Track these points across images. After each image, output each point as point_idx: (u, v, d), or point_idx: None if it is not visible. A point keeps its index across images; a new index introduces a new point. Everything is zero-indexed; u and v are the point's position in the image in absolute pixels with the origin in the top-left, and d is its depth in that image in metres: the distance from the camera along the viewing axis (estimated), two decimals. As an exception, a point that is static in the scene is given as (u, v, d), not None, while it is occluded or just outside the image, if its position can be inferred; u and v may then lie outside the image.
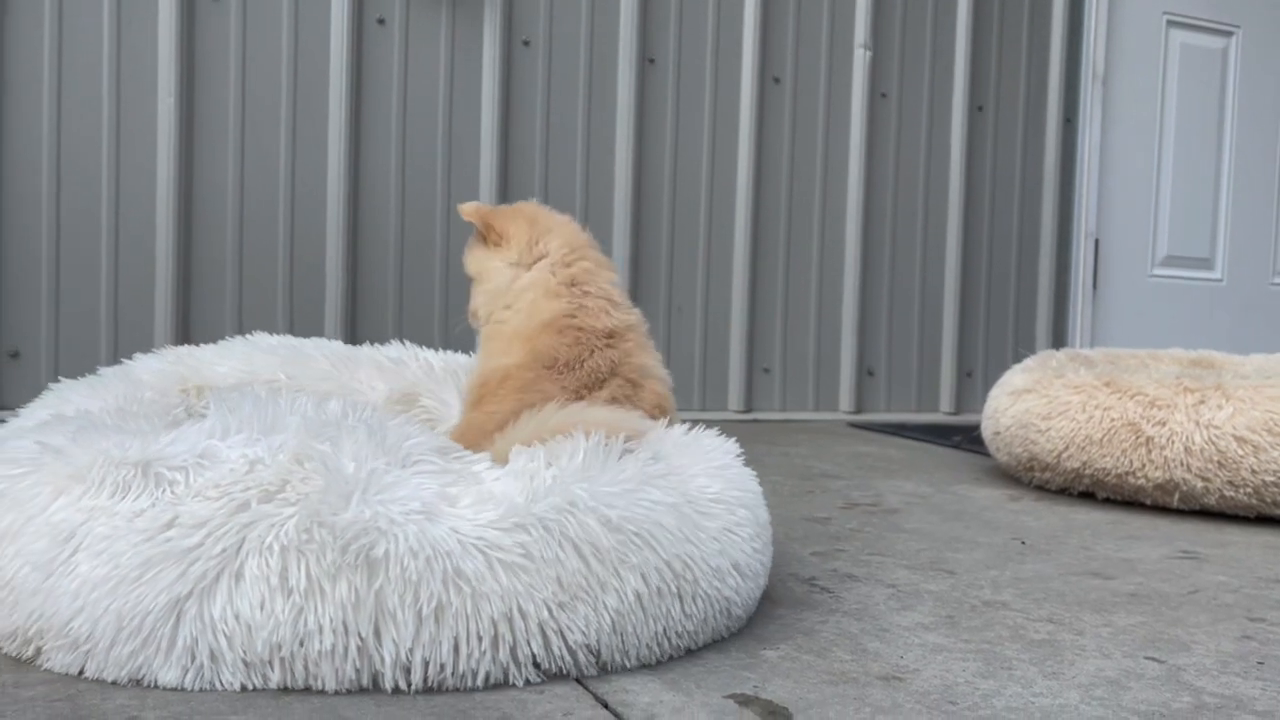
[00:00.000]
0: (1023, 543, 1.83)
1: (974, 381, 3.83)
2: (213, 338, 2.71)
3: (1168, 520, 2.08)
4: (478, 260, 1.45)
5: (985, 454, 2.83)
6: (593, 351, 1.33)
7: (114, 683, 0.98)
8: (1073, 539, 1.88)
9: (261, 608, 0.98)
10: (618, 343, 1.35)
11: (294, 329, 2.80)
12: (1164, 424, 2.12)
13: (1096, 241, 4.03)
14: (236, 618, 0.98)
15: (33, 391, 2.58)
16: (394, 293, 2.94)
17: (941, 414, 3.76)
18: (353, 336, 2.88)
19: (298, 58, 2.80)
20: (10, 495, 1.08)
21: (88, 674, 0.99)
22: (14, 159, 2.57)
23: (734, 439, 1.34)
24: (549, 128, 3.10)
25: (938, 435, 3.23)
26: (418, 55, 2.93)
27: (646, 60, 3.21)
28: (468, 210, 1.45)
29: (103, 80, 2.63)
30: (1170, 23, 4.11)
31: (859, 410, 3.62)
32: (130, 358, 1.50)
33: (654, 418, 1.32)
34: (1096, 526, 1.99)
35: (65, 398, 1.35)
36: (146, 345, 2.67)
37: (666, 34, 3.24)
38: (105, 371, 1.50)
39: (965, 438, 3.15)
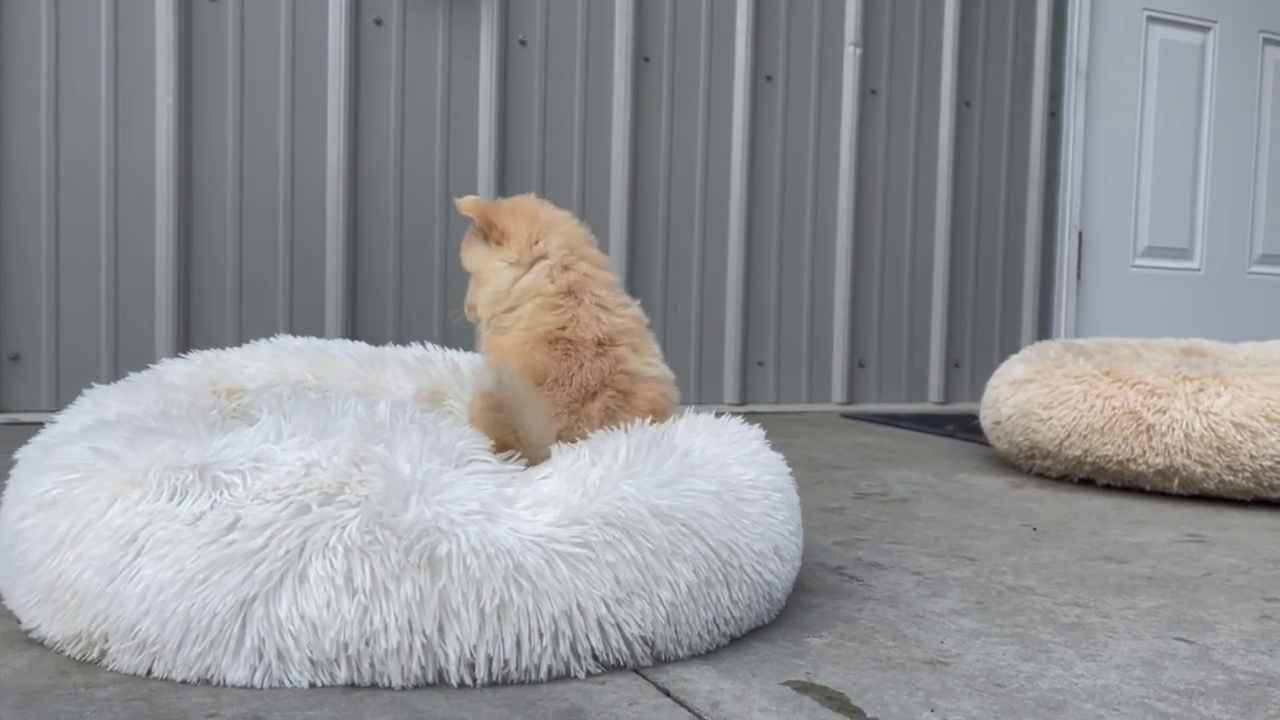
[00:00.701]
0: (1034, 529, 1.87)
1: (961, 372, 3.89)
2: (213, 337, 2.72)
3: (1168, 505, 2.13)
4: (477, 258, 1.41)
5: (980, 443, 2.88)
6: (582, 365, 1.29)
7: (183, 682, 0.99)
8: (1082, 525, 1.92)
9: (328, 608, 1.00)
10: (608, 350, 1.31)
11: (293, 326, 2.80)
12: (1164, 412, 2.17)
13: (1080, 233, 4.09)
14: (303, 618, 1.00)
15: (33, 395, 2.57)
16: (394, 289, 2.94)
17: (930, 404, 3.81)
18: (353, 333, 2.88)
19: (296, 58, 2.80)
20: (66, 501, 1.09)
21: (155, 674, 1.00)
22: (12, 161, 2.55)
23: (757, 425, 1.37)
24: (545, 126, 3.11)
25: (930, 425, 3.27)
26: (415, 55, 2.94)
27: (641, 59, 3.23)
28: (466, 205, 1.41)
29: (101, 81, 2.62)
30: (1150, 18, 4.18)
31: (851, 401, 3.66)
32: (136, 359, 1.50)
33: (653, 422, 1.29)
34: (1102, 512, 2.04)
35: (103, 403, 1.35)
36: (147, 346, 2.67)
37: (661, 33, 3.26)
38: (135, 376, 1.50)
39: (959, 427, 3.20)
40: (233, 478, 1.06)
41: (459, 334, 2.98)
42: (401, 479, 1.06)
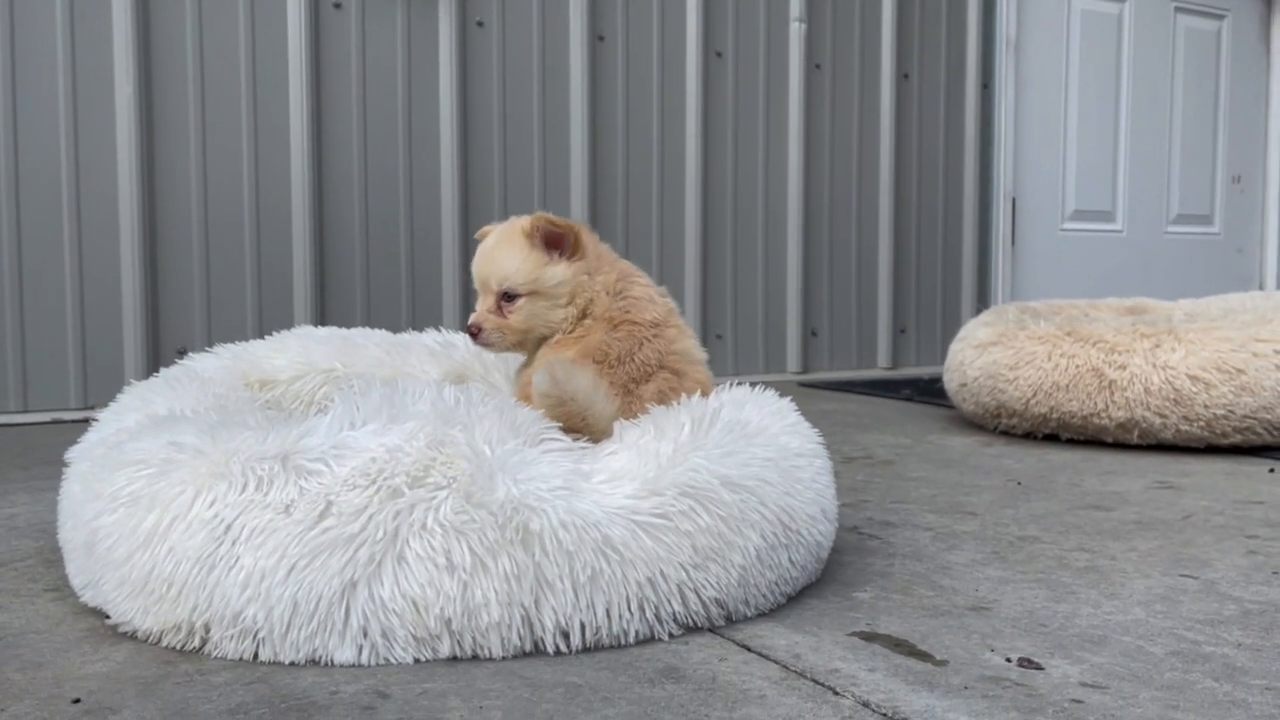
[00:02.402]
0: (1019, 484, 1.98)
1: (908, 338, 4.03)
2: (181, 334, 2.68)
3: (1131, 455, 2.27)
4: (554, 273, 1.36)
5: (938, 404, 3.01)
6: (642, 344, 1.35)
7: (292, 664, 1.02)
8: (1060, 478, 2.04)
9: (430, 586, 1.04)
10: (662, 331, 1.38)
11: (262, 310, 2.78)
12: (1124, 368, 2.31)
13: (1014, 200, 4.26)
14: (405, 597, 1.04)
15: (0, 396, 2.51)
16: (360, 271, 2.94)
17: (879, 370, 3.94)
18: (322, 320, 2.87)
19: (255, 43, 2.76)
20: (149, 495, 1.10)
21: (262, 658, 1.03)
22: (-32, 156, 2.48)
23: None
24: (505, 106, 3.13)
25: (885, 390, 3.40)
26: (375, 38, 2.92)
27: (597, 38, 3.26)
28: (543, 220, 1.38)
29: (58, 70, 2.55)
30: (1073, -9, 4.35)
31: (805, 370, 3.77)
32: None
33: None
34: (1075, 465, 2.17)
35: (148, 399, 1.35)
36: (115, 341, 2.62)
37: (615, 11, 3.29)
38: (169, 372, 1.50)
39: (915, 390, 3.33)
40: (316, 465, 1.09)
41: (428, 316, 3.00)
42: (485, 459, 1.10)
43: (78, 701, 0.93)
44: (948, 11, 4.00)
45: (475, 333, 1.39)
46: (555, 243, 1.38)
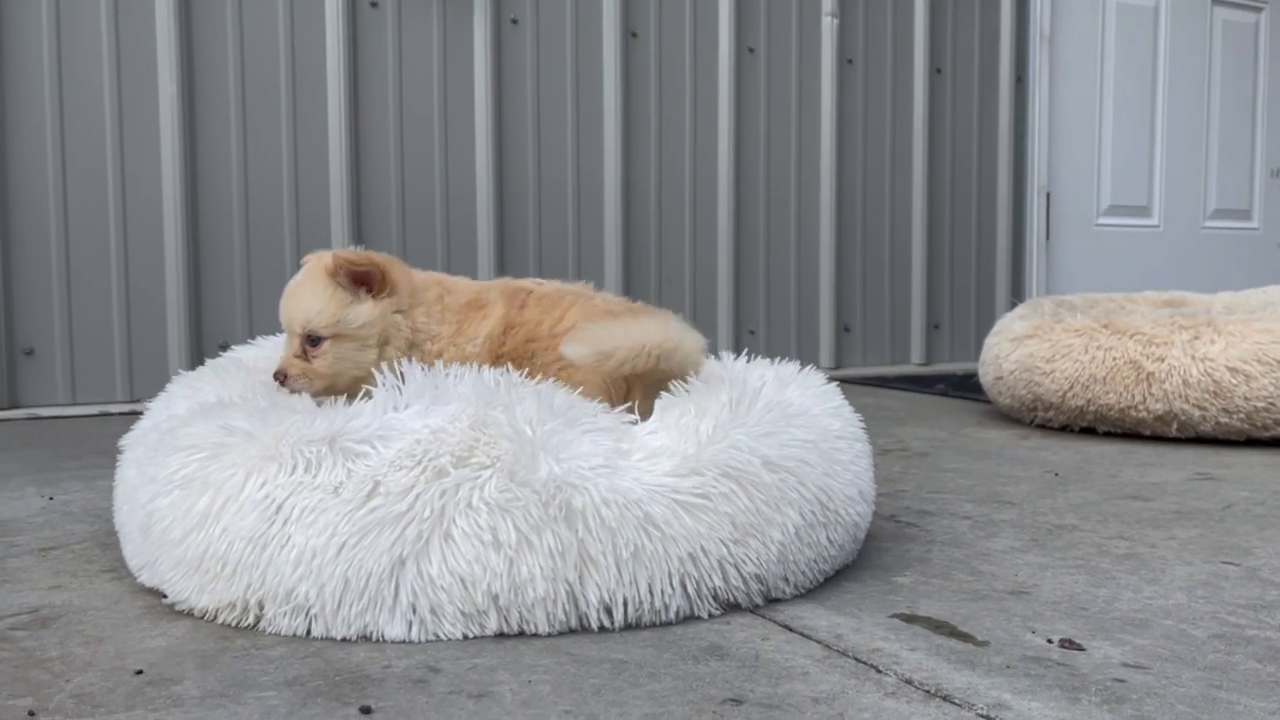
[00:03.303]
0: (1056, 474, 1.98)
1: (941, 333, 4.02)
2: (225, 329, 2.73)
3: (1170, 448, 2.26)
4: (354, 312, 1.32)
5: (973, 399, 3.00)
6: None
7: (344, 640, 1.05)
8: (1097, 469, 2.04)
9: (477, 562, 1.06)
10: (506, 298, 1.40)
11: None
12: (1163, 360, 2.29)
13: (1048, 195, 4.24)
14: (453, 573, 1.06)
15: (48, 388, 2.57)
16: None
17: (913, 365, 3.93)
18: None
19: (295, 42, 2.80)
20: (201, 478, 1.13)
21: (314, 634, 1.06)
22: (18, 156, 2.53)
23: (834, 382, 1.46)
24: (539, 103, 3.15)
25: (919, 385, 3.39)
26: (411, 36, 2.95)
27: (630, 34, 3.28)
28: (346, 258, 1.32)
29: (104, 70, 2.60)
30: (1109, -17, 4.32)
31: (838, 366, 3.77)
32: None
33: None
34: (1112, 457, 2.16)
35: (197, 387, 1.39)
36: (160, 337, 2.67)
37: (647, 8, 3.31)
38: (216, 362, 1.53)
39: (950, 385, 3.32)
40: (363, 447, 1.11)
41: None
42: (526, 439, 1.12)
43: (140, 673, 0.96)
44: (981, 5, 3.99)
45: (282, 379, 1.31)
46: (362, 280, 1.31)
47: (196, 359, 2.64)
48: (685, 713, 0.89)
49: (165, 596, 1.14)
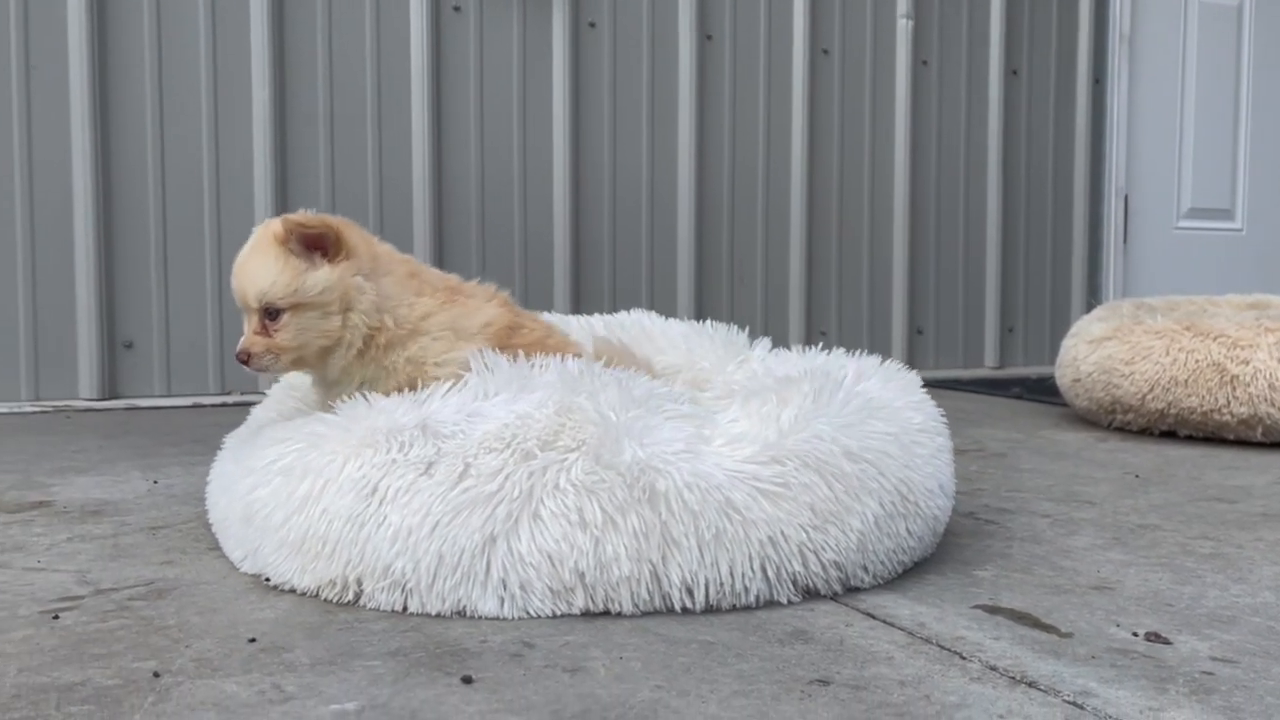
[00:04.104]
0: (1136, 476, 1.96)
1: (1015, 337, 3.97)
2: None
3: (1254, 452, 2.22)
4: (311, 278, 1.23)
5: (1049, 403, 2.97)
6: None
7: (438, 615, 1.09)
8: (1179, 471, 2.01)
9: (564, 540, 1.09)
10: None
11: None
12: (1247, 362, 2.25)
13: (1126, 197, 4.17)
14: (541, 551, 1.09)
15: (145, 380, 2.67)
16: (476, 264, 3.03)
17: (986, 369, 3.89)
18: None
19: (380, 46, 2.88)
20: (302, 465, 1.18)
21: (411, 610, 1.10)
22: (121, 159, 2.65)
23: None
24: (615, 105, 3.19)
25: (993, 388, 3.36)
26: (492, 39, 3.02)
27: (705, 37, 3.31)
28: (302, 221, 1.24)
29: (200, 74, 2.70)
30: (1192, -18, 4.24)
31: (910, 368, 3.73)
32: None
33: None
34: (1193, 460, 2.13)
35: (296, 385, 1.45)
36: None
37: (723, 11, 3.34)
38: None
39: (1025, 389, 3.29)
40: (454, 432, 1.16)
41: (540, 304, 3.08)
42: (611, 424, 1.16)
43: (253, 641, 1.01)
44: (1059, 5, 3.94)
45: (245, 359, 1.23)
46: (314, 244, 1.24)
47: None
48: (774, 691, 0.91)
49: (269, 580, 1.19)
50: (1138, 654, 1.02)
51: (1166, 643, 1.06)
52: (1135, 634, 1.08)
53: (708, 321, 1.81)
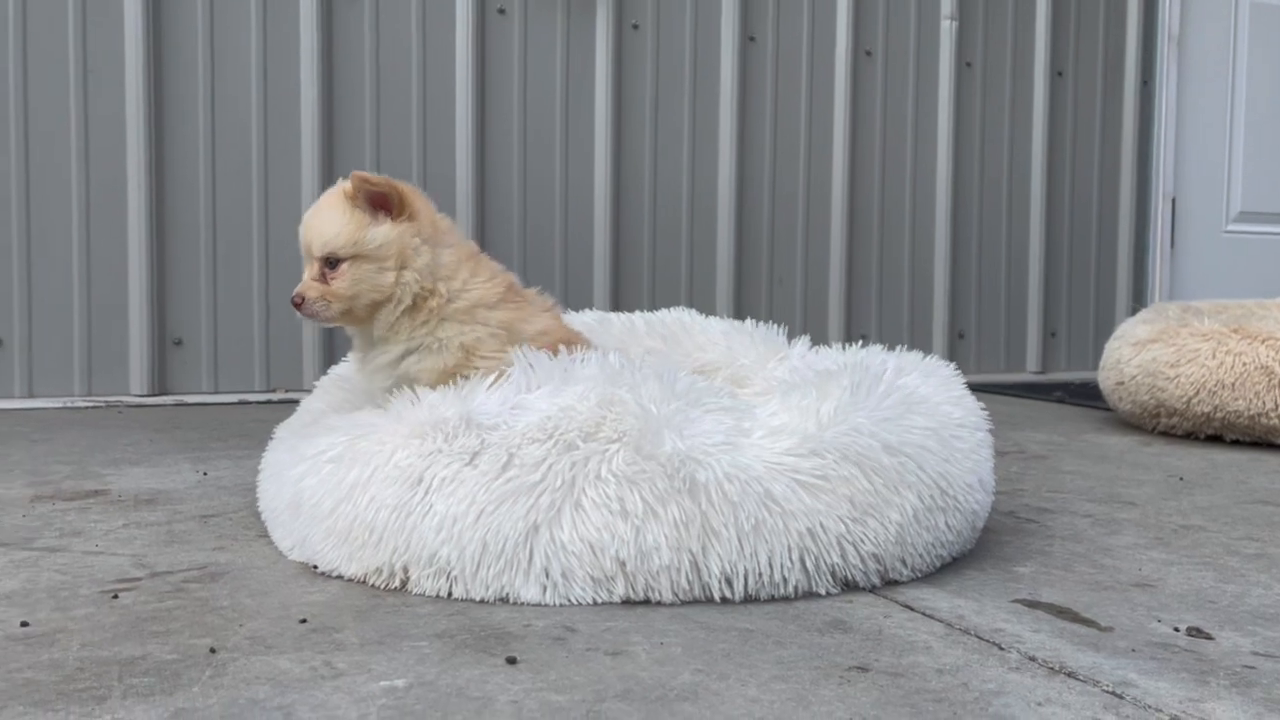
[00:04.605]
0: (1181, 479, 1.94)
1: (1058, 341, 3.94)
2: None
3: (1303, 457, 2.19)
4: (372, 232, 1.31)
5: (1093, 407, 2.94)
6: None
7: (482, 601, 1.11)
8: (1225, 475, 1.99)
9: (606, 529, 1.11)
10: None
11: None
12: (1297, 366, 2.22)
13: (1173, 200, 4.11)
14: (583, 540, 1.11)
15: (194, 376, 2.73)
16: (518, 263, 3.06)
17: (1029, 373, 3.86)
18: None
19: (426, 48, 2.93)
20: (351, 454, 1.21)
21: (455, 595, 1.12)
22: (174, 156, 2.71)
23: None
24: (657, 106, 3.21)
25: (1035, 392, 3.33)
26: (536, 41, 3.05)
27: (747, 39, 3.32)
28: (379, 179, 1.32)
29: (251, 77, 2.76)
30: (1242, -18, 4.18)
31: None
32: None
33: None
34: (1240, 464, 2.11)
35: (344, 377, 1.49)
36: (296, 332, 2.82)
37: (765, 12, 3.35)
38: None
39: (1068, 393, 3.26)
40: (497, 423, 1.18)
41: (580, 300, 3.10)
42: (651, 417, 1.17)
43: (304, 621, 1.04)
44: (1106, 6, 3.91)
45: (299, 303, 1.30)
46: (379, 203, 1.32)
47: (329, 351, 2.78)
48: (813, 677, 0.92)
49: (317, 567, 1.21)
50: (1179, 648, 1.02)
51: (1208, 638, 1.05)
52: (1176, 629, 1.08)
53: (747, 320, 1.83)
